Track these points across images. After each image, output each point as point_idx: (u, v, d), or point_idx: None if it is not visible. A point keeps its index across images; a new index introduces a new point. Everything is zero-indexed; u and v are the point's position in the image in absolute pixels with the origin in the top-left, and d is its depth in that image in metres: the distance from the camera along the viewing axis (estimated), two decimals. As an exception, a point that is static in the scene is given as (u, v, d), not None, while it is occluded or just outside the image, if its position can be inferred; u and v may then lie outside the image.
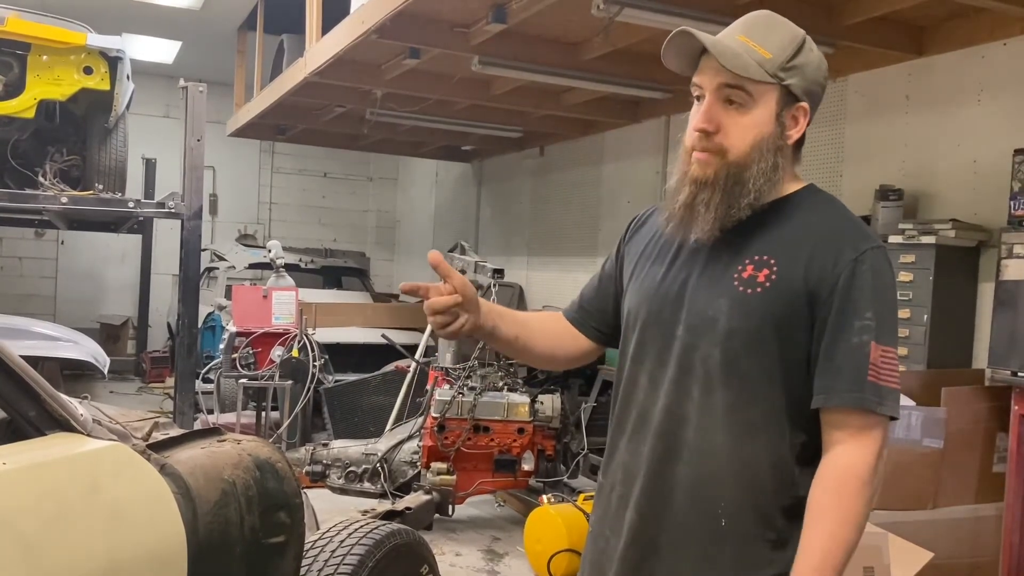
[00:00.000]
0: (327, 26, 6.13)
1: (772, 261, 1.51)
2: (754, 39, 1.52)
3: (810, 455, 1.51)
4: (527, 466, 5.08)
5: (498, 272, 5.51)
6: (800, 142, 1.59)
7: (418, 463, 5.07)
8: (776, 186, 1.55)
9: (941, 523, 3.61)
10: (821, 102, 1.60)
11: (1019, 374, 3.65)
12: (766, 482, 1.50)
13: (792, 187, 1.59)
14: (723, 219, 1.53)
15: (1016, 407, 3.67)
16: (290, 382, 6.25)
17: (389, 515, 3.88)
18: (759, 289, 1.50)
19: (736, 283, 1.52)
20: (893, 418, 1.50)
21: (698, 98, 1.56)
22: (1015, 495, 3.69)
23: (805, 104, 1.55)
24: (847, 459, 1.45)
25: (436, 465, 4.92)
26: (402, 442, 5.26)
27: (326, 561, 2.62)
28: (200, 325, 7.07)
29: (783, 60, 1.52)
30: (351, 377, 7.08)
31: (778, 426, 1.50)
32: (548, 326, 1.85)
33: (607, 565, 1.65)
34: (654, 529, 1.57)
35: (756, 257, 1.53)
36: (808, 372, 1.50)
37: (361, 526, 2.81)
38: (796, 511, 1.50)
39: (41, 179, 5.86)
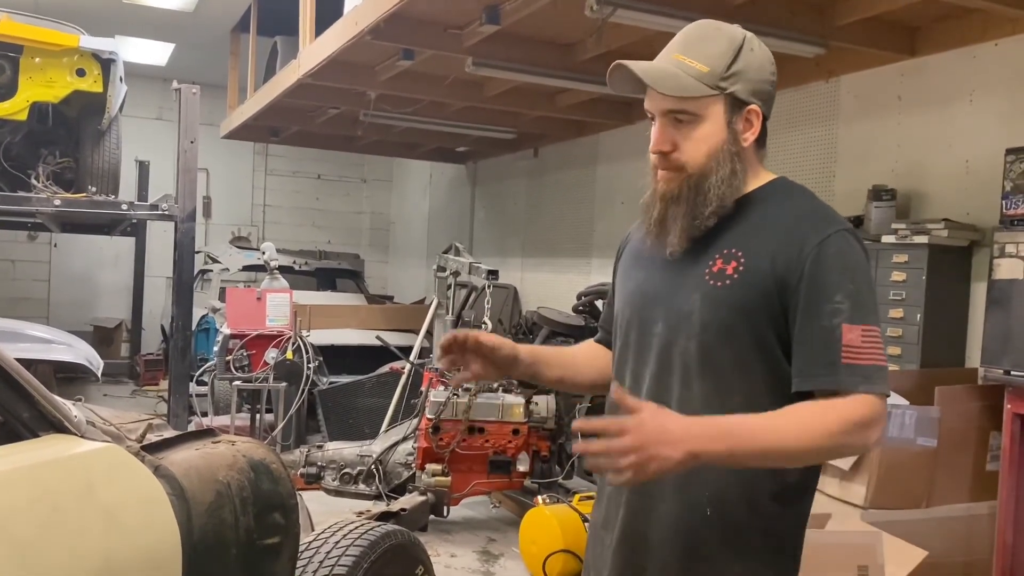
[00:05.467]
0: (320, 28, 6.13)
1: (739, 253, 1.55)
2: (689, 55, 1.55)
3: None
4: (522, 467, 5.07)
5: (492, 274, 5.49)
6: (762, 140, 1.61)
7: (413, 465, 5.06)
8: (739, 187, 1.58)
9: (935, 522, 3.62)
10: (773, 101, 1.62)
11: (1012, 373, 3.67)
12: (751, 470, 1.50)
13: (758, 182, 1.62)
14: (689, 230, 1.58)
15: (1009, 406, 3.68)
16: (284, 384, 6.25)
17: (384, 516, 3.88)
18: (727, 282, 1.54)
19: (707, 277, 1.56)
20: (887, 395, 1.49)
21: (652, 119, 1.61)
22: (1008, 494, 3.70)
23: (755, 106, 1.58)
24: (840, 403, 1.43)
25: (431, 466, 4.92)
26: (397, 444, 5.25)
27: (321, 562, 2.61)
28: (194, 327, 7.07)
29: (722, 70, 1.54)
30: (345, 379, 7.07)
31: None
32: (597, 357, 1.89)
33: (602, 564, 1.68)
34: (643, 524, 1.60)
35: (725, 251, 1.56)
36: (788, 360, 1.51)
37: (356, 527, 2.81)
38: (785, 496, 1.52)
39: (34, 181, 5.85)
